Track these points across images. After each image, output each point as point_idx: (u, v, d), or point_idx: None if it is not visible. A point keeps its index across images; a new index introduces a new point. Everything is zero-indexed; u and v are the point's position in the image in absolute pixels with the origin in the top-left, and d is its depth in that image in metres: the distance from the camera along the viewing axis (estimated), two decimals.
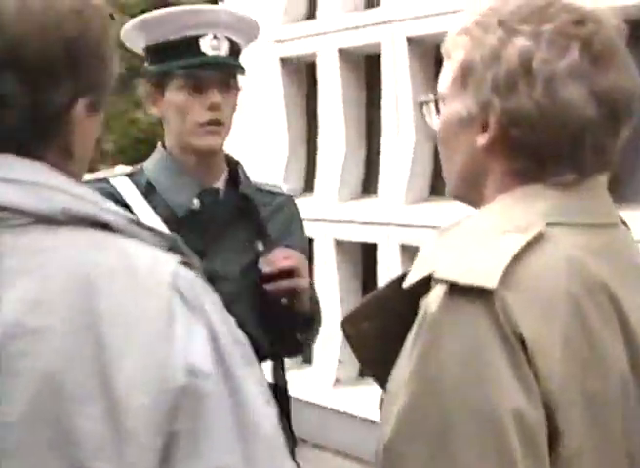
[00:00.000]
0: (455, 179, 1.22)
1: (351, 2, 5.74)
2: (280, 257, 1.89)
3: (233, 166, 2.01)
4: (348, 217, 5.48)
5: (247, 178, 2.02)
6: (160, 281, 0.94)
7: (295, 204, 2.12)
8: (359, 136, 5.75)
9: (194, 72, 1.89)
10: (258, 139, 6.29)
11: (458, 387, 0.98)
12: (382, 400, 1.11)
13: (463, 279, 1.00)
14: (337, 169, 5.67)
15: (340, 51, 5.70)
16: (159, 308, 0.92)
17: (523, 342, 0.98)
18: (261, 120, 6.27)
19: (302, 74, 6.21)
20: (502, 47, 1.12)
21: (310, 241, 5.86)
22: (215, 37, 1.91)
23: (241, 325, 1.91)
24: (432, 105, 1.26)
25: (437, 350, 1.00)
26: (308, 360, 5.79)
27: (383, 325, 1.17)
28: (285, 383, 2.00)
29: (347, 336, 1.21)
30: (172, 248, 1.01)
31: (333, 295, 5.51)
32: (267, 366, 1.97)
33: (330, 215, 5.59)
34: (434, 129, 1.25)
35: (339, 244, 5.57)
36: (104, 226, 0.96)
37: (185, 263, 0.99)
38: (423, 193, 5.24)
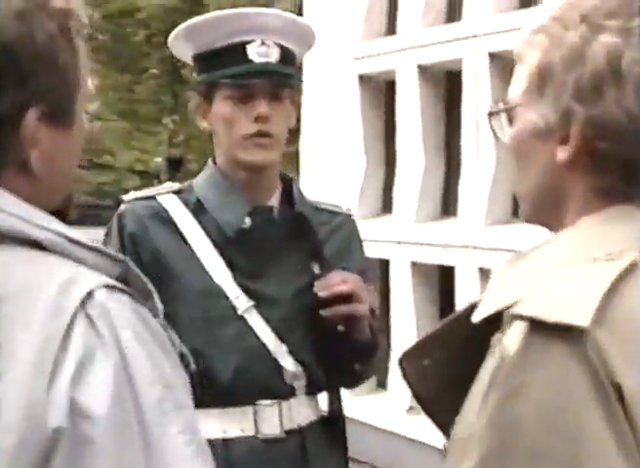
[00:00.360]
0: (530, 200, 1.07)
1: (431, 17, 5.60)
2: (337, 281, 1.75)
3: (287, 183, 1.88)
4: (426, 239, 5.31)
5: (302, 196, 1.88)
6: (66, 305, 0.84)
7: (354, 223, 1.98)
8: (438, 156, 5.59)
9: (240, 81, 1.77)
10: (334, 158, 6.19)
11: (542, 443, 0.85)
12: (448, 447, 0.99)
13: (549, 316, 0.85)
14: (414, 189, 5.51)
15: (420, 67, 5.56)
16: (52, 336, 0.82)
17: (620, 393, 0.84)
18: (339, 138, 6.17)
19: (381, 91, 6.09)
20: (586, 45, 0.97)
21: (386, 263, 5.73)
22: (263, 43, 1.78)
23: (295, 352, 1.79)
24: (503, 116, 1.10)
25: (518, 400, 0.87)
26: (383, 385, 5.62)
27: (447, 362, 1.05)
28: (342, 417, 1.85)
29: (405, 374, 1.08)
30: (124, 272, 0.92)
31: (408, 319, 5.35)
32: (323, 397, 1.83)
33: (407, 237, 5.43)
34: (506, 143, 1.10)
35: (415, 266, 5.40)
36: (37, 245, 0.88)
37: (117, 289, 0.88)
38: (505, 215, 5.04)
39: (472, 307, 1.00)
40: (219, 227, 1.79)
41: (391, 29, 6.04)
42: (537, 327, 0.87)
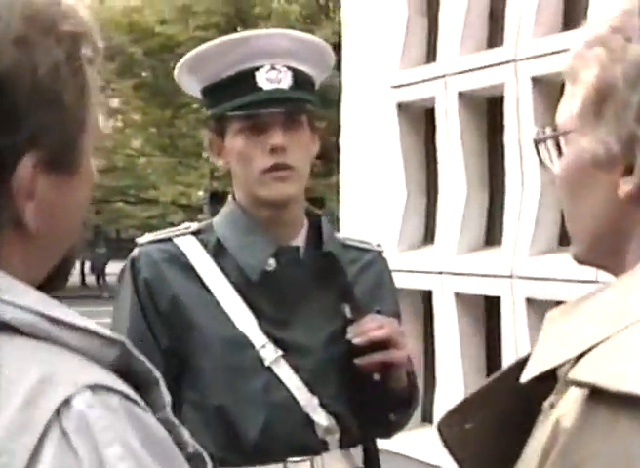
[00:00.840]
0: (585, 241, 0.93)
1: (472, 42, 5.50)
2: (372, 326, 1.61)
3: (314, 219, 1.74)
4: (469, 269, 5.17)
5: (331, 233, 1.74)
6: (35, 418, 0.66)
7: (385, 260, 1.83)
8: (481, 184, 5.45)
9: (250, 111, 1.63)
10: (375, 189, 6.09)
11: None
12: None
13: (612, 384, 0.72)
14: (457, 218, 5.38)
15: (460, 94, 5.45)
16: (16, 459, 0.66)
17: None
18: (379, 168, 6.07)
19: (421, 120, 5.99)
20: None
21: (429, 294, 5.59)
22: (273, 68, 1.65)
23: (327, 404, 1.65)
24: (552, 144, 0.97)
25: None
26: (429, 419, 5.46)
27: (492, 426, 0.94)
28: None
29: (445, 440, 0.95)
30: (122, 356, 0.74)
31: (453, 352, 5.19)
32: (358, 451, 1.69)
33: (449, 267, 5.30)
34: (555, 173, 0.97)
35: (459, 297, 5.26)
36: (7, 326, 0.71)
37: (105, 388, 0.70)
38: (551, 244, 4.88)
39: (520, 364, 0.88)
40: (240, 270, 1.64)
41: (431, 57, 5.96)
42: (598, 395, 0.74)
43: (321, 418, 1.61)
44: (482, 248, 5.39)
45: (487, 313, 5.33)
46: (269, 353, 1.61)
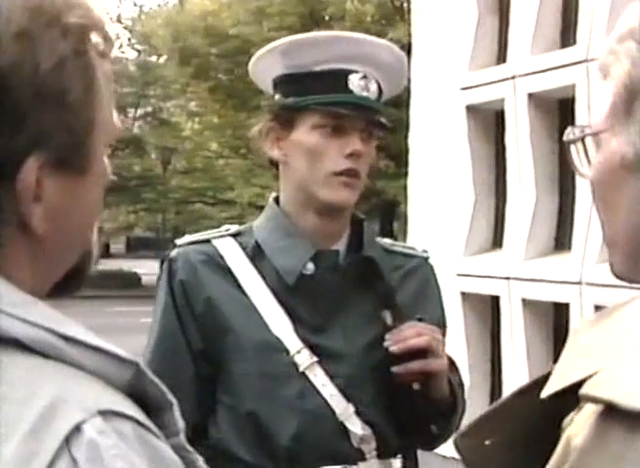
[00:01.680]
0: (620, 249, 0.87)
1: (543, 42, 5.38)
2: (410, 334, 1.56)
3: (357, 224, 1.71)
4: (537, 275, 5.05)
5: (373, 239, 1.70)
6: (44, 446, 0.63)
7: (431, 267, 1.78)
8: (551, 187, 5.33)
9: (338, 110, 1.60)
10: (442, 191, 6.01)
11: None
12: None
13: (629, 401, 0.67)
14: (525, 223, 5.27)
15: (530, 95, 5.34)
16: None
17: None
18: (447, 171, 5.99)
19: (490, 122, 5.89)
20: None
21: (496, 299, 5.49)
22: (365, 76, 1.62)
23: (363, 413, 1.61)
24: (583, 145, 0.91)
25: None
26: None
27: (512, 443, 0.89)
28: None
29: (464, 455, 0.91)
30: (136, 377, 0.70)
31: (520, 358, 5.08)
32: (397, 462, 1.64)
33: (517, 273, 5.18)
34: (587, 177, 0.91)
35: (526, 303, 5.14)
36: (18, 343, 0.68)
37: (117, 414, 0.66)
38: None
39: (544, 378, 0.83)
40: (278, 274, 1.62)
41: (501, 58, 5.85)
42: (612, 413, 0.69)
43: (356, 427, 1.58)
44: (551, 253, 5.27)
45: (556, 319, 5.21)
46: (304, 359, 1.58)
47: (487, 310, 5.66)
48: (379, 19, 15.86)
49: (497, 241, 5.68)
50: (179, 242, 1.69)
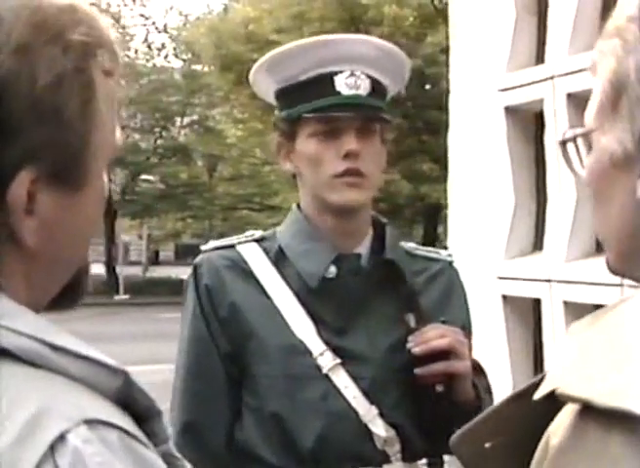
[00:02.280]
0: (613, 248, 0.87)
1: (581, 42, 5.31)
2: (433, 336, 1.57)
3: (379, 228, 1.72)
4: (579, 277, 4.98)
5: (396, 242, 1.72)
6: (27, 454, 0.64)
7: (456, 271, 1.80)
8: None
9: (326, 114, 1.62)
10: (481, 195, 5.96)
11: None
12: None
13: (605, 400, 0.67)
14: (566, 224, 5.20)
15: (569, 95, 5.27)
16: None
17: None
18: (486, 173, 5.94)
19: (529, 123, 5.83)
20: None
21: (538, 302, 5.43)
22: (352, 74, 1.63)
23: (386, 415, 1.62)
24: (577, 144, 0.91)
25: None
26: None
27: (513, 445, 0.89)
28: None
29: (463, 458, 0.91)
30: (124, 385, 0.71)
31: None
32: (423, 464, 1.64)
33: (558, 275, 5.12)
34: (581, 177, 0.91)
35: (568, 306, 5.08)
36: (6, 353, 0.69)
37: (103, 423, 0.66)
38: None
39: (539, 381, 0.83)
40: (301, 277, 1.65)
41: (539, 59, 5.79)
42: (589, 412, 0.68)
43: (380, 429, 1.59)
44: (592, 254, 5.20)
45: None
46: (327, 361, 1.61)
47: (528, 313, 5.60)
48: (419, 22, 15.82)
49: (537, 243, 5.63)
50: (204, 248, 1.73)
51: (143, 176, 31.78)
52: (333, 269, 1.64)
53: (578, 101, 5.44)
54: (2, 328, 0.71)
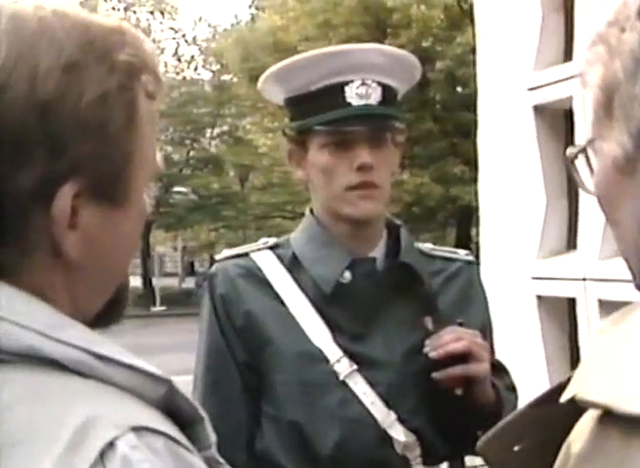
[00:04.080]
0: (635, 258, 0.85)
1: None
2: (449, 339, 1.55)
3: (394, 230, 1.71)
4: (613, 275, 4.92)
5: (411, 244, 1.70)
6: (80, 459, 0.66)
7: (475, 270, 1.77)
8: None
9: (338, 128, 1.61)
10: (513, 195, 5.92)
11: None
12: None
13: (624, 405, 0.66)
14: (599, 222, 5.15)
15: None
16: None
17: None
18: (517, 173, 5.90)
19: (559, 121, 5.78)
20: None
21: (573, 301, 5.37)
22: (363, 83, 1.62)
23: (406, 420, 1.61)
24: (587, 157, 0.90)
25: None
26: None
27: (542, 448, 0.86)
28: None
29: (491, 463, 0.90)
30: (168, 393, 0.73)
31: None
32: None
33: (593, 273, 5.07)
34: (592, 193, 0.89)
35: (603, 304, 5.02)
36: (55, 362, 0.71)
37: (150, 430, 0.68)
38: None
39: (565, 384, 0.82)
40: (315, 283, 1.64)
41: (567, 56, 5.75)
42: (611, 418, 0.67)
43: (399, 434, 1.58)
44: None
45: None
46: (344, 367, 1.59)
47: (563, 312, 5.55)
48: (447, 23, 15.77)
49: (570, 242, 5.58)
50: (218, 257, 1.73)
51: (176, 188, 31.98)
52: (347, 274, 1.62)
53: None
54: (51, 339, 0.72)
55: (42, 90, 0.75)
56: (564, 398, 0.78)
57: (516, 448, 0.88)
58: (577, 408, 0.76)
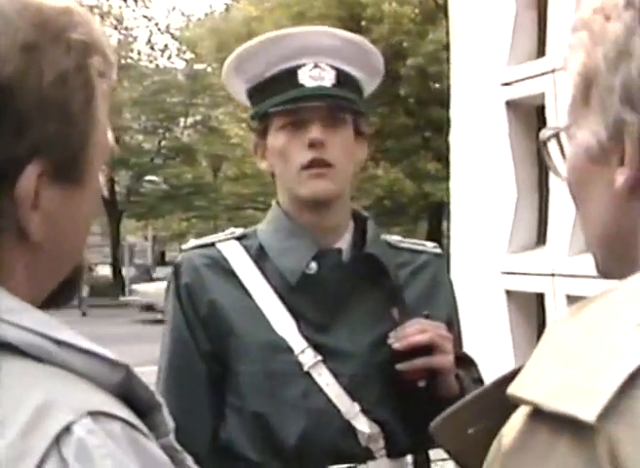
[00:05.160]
0: (599, 248, 0.85)
1: None
2: (414, 331, 1.55)
3: (361, 222, 1.70)
4: (581, 271, 4.96)
5: (377, 236, 1.70)
6: (34, 445, 0.65)
7: (442, 262, 1.77)
8: None
9: (290, 106, 1.61)
10: (484, 190, 5.94)
11: None
12: None
13: (550, 403, 0.65)
14: (569, 218, 5.18)
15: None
16: None
17: None
18: (488, 167, 5.92)
19: (531, 117, 5.81)
20: (631, 35, 0.76)
21: (541, 297, 5.41)
22: (316, 66, 1.62)
23: (369, 411, 1.60)
24: (560, 143, 0.89)
25: None
26: None
27: (495, 432, 0.86)
28: None
29: (446, 446, 0.89)
30: (125, 379, 0.72)
31: None
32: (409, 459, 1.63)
33: (562, 269, 5.10)
34: (562, 178, 0.89)
35: (571, 299, 5.06)
36: (11, 347, 0.70)
37: (107, 415, 0.67)
38: None
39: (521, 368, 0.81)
40: (281, 274, 1.63)
41: (540, 52, 5.77)
42: (539, 414, 0.67)
43: (363, 425, 1.57)
44: None
45: None
46: (308, 358, 1.59)
47: (532, 307, 5.59)
48: (421, 18, 15.79)
49: (540, 237, 5.62)
50: (184, 247, 1.72)
51: (148, 178, 31.82)
52: (313, 265, 1.61)
53: None
54: (7, 323, 0.72)
55: (2, 71, 0.75)
56: (510, 390, 0.77)
57: (470, 431, 0.87)
58: None
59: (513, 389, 0.69)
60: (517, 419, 0.69)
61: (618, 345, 0.67)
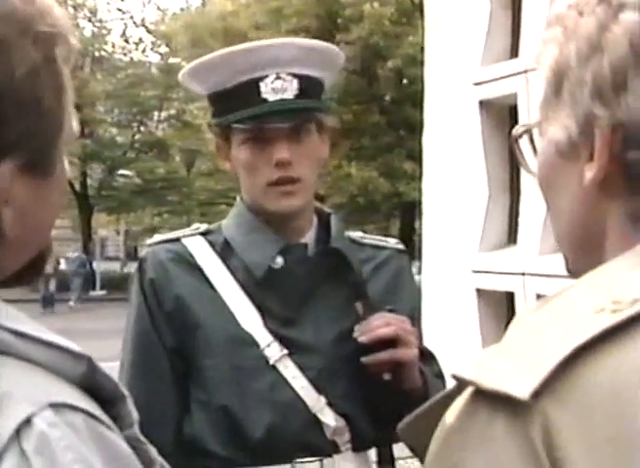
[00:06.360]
0: (569, 246, 0.85)
1: None
2: (379, 324, 1.56)
3: (324, 218, 1.71)
4: (552, 270, 5.00)
5: (341, 231, 1.71)
6: None
7: (405, 258, 1.79)
8: None
9: (254, 125, 1.60)
10: (456, 188, 5.98)
11: None
12: None
13: (488, 382, 0.67)
14: (539, 218, 5.23)
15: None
16: None
17: None
18: (461, 167, 5.96)
19: (503, 117, 5.85)
20: (604, 30, 0.76)
21: (511, 295, 5.46)
22: (278, 77, 1.61)
23: (335, 404, 1.61)
24: (532, 139, 0.90)
25: None
26: None
27: None
28: None
29: (410, 446, 0.90)
30: (89, 371, 0.71)
31: None
32: (372, 453, 1.64)
33: (532, 268, 5.15)
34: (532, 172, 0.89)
35: (541, 299, 5.11)
36: None
37: (68, 406, 0.66)
38: None
39: None
40: (247, 268, 1.63)
41: (513, 53, 5.81)
42: (480, 394, 0.68)
43: (329, 419, 1.58)
44: None
45: None
46: (274, 352, 1.59)
47: (502, 306, 5.63)
48: (397, 16, 15.81)
49: (511, 236, 5.66)
50: (149, 241, 1.72)
51: (120, 171, 31.60)
52: (279, 259, 1.62)
53: None
54: None
55: None
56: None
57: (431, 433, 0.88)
58: None
59: (457, 370, 0.71)
60: (460, 400, 0.70)
61: (568, 330, 0.68)
